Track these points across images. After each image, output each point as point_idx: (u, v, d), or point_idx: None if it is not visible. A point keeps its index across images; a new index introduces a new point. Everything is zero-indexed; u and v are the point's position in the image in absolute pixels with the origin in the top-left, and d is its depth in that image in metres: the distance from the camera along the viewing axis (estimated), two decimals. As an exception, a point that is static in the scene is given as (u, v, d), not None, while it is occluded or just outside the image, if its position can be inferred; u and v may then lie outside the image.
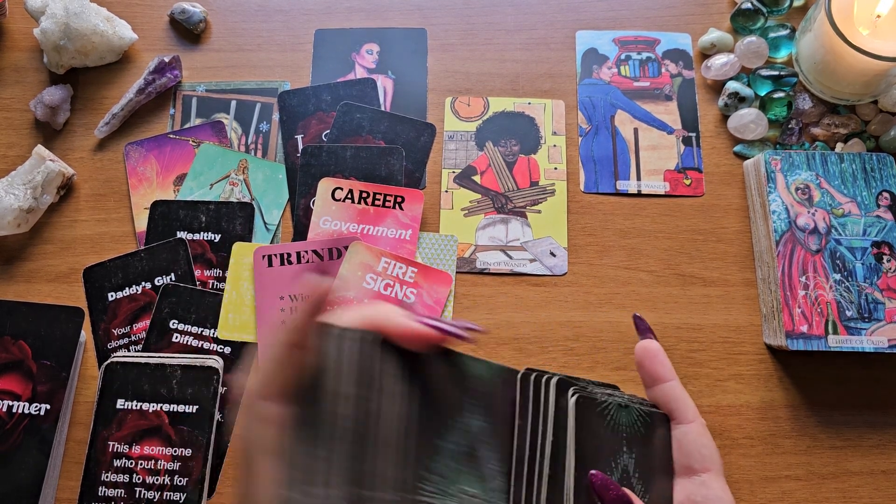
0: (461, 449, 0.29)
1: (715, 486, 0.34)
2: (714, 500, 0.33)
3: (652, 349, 0.36)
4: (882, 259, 0.55)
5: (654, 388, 0.36)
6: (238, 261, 0.59)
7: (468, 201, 0.62)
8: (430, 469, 0.28)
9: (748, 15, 0.65)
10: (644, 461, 0.34)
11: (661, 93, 0.65)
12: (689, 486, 0.34)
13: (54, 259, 0.61)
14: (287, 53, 0.67)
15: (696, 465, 0.34)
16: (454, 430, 0.29)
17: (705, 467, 0.34)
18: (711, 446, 0.35)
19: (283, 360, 0.26)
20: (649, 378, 0.36)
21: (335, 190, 0.60)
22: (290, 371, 0.26)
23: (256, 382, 0.27)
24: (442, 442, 0.29)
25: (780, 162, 0.58)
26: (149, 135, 0.64)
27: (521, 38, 0.67)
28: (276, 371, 0.26)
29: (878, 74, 0.58)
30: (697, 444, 0.35)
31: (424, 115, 0.65)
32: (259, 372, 0.27)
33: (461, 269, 0.60)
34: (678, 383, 0.36)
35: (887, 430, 0.55)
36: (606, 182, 0.62)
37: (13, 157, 0.64)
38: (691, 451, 0.34)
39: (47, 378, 0.54)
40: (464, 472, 0.29)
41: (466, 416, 0.30)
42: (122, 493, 0.52)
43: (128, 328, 0.58)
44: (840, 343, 0.53)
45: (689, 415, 0.35)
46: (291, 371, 0.26)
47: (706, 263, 0.60)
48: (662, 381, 0.36)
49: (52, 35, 0.62)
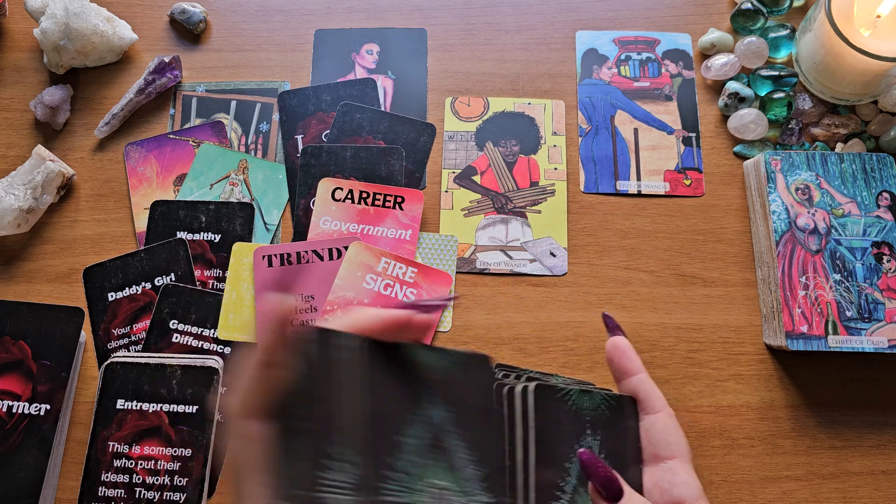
0: (425, 442, 0.29)
1: (681, 472, 0.35)
2: (681, 485, 0.34)
3: (621, 345, 0.38)
4: (882, 259, 0.55)
5: (623, 381, 0.38)
6: (238, 261, 0.59)
7: (468, 201, 0.62)
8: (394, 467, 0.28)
9: (748, 15, 0.65)
10: (611, 444, 0.35)
11: (661, 93, 0.65)
12: (657, 472, 0.35)
13: (54, 259, 0.61)
14: (287, 53, 0.67)
15: (662, 453, 0.35)
16: (415, 424, 0.29)
17: (671, 454, 0.35)
18: (679, 434, 0.36)
19: (257, 379, 0.27)
20: (619, 372, 0.38)
21: (335, 190, 0.60)
22: (265, 388, 0.27)
23: (235, 403, 0.28)
24: (403, 437, 0.29)
25: (780, 162, 0.58)
26: (149, 135, 0.64)
27: (521, 38, 0.67)
28: (252, 390, 0.27)
29: (878, 74, 0.58)
30: (665, 432, 0.36)
31: (424, 115, 0.65)
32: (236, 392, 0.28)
33: (461, 270, 0.60)
34: (647, 376, 0.37)
35: (887, 430, 0.55)
36: (606, 182, 0.62)
37: (13, 158, 0.64)
38: (659, 439, 0.36)
39: (47, 378, 0.54)
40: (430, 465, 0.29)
41: (426, 408, 0.30)
42: (122, 493, 0.52)
43: (128, 328, 0.58)
44: (840, 343, 0.53)
45: (656, 405, 0.37)
46: (267, 388, 0.27)
47: (706, 263, 0.60)
48: (631, 375, 0.37)
49: (52, 35, 0.62)
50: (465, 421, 0.31)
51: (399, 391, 0.29)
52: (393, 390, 0.29)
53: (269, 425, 0.27)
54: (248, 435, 0.27)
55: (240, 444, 0.27)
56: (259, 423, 0.27)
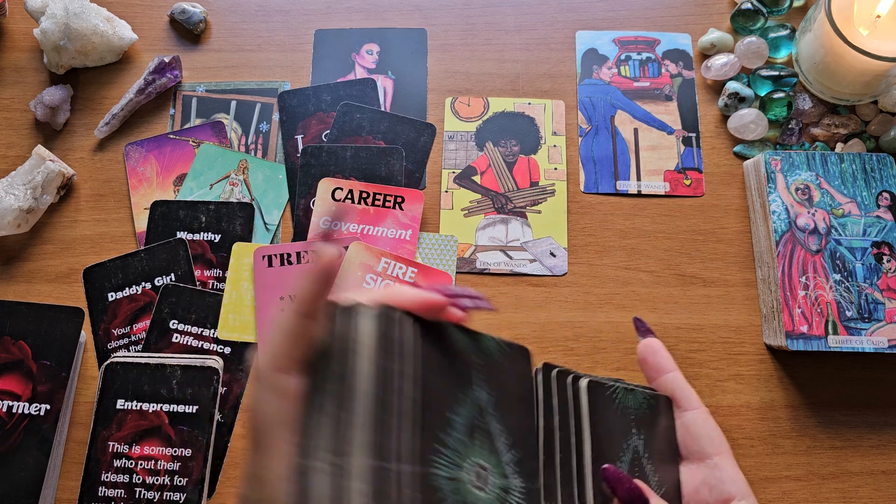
0: (472, 422, 0.29)
1: (728, 469, 0.34)
2: (729, 482, 0.34)
3: (653, 345, 0.38)
4: (882, 259, 0.55)
5: (657, 380, 0.37)
6: (238, 261, 0.59)
7: (468, 201, 0.62)
8: (444, 443, 0.28)
9: (748, 15, 0.65)
10: (652, 443, 0.35)
11: (661, 93, 0.65)
12: (703, 470, 0.35)
13: (54, 259, 0.61)
14: (287, 53, 0.67)
15: (707, 449, 0.35)
16: (464, 403, 0.29)
17: (716, 450, 0.35)
18: (719, 431, 0.36)
19: (294, 331, 0.26)
20: (652, 371, 0.37)
21: (335, 190, 0.60)
22: (302, 342, 0.26)
23: (268, 355, 0.26)
24: (453, 415, 0.29)
25: (780, 162, 0.58)
26: (149, 135, 0.64)
27: (521, 38, 0.67)
28: (287, 343, 0.26)
29: (878, 74, 0.58)
30: (706, 429, 0.35)
31: (424, 115, 0.65)
32: (270, 344, 0.26)
33: (461, 270, 0.60)
34: (680, 374, 0.37)
35: (887, 430, 0.55)
36: (606, 182, 0.62)
37: (13, 158, 0.64)
38: (701, 435, 0.35)
39: (47, 378, 0.54)
40: (476, 445, 0.29)
41: (476, 389, 0.30)
42: (122, 493, 0.52)
43: (128, 328, 0.58)
44: (840, 343, 0.53)
45: (692, 402, 0.36)
46: (304, 342, 0.26)
47: (706, 264, 0.60)
48: (665, 373, 0.37)
49: (52, 35, 0.62)
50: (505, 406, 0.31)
51: (449, 369, 0.29)
52: (442, 367, 0.29)
53: (303, 380, 0.26)
54: (279, 389, 0.26)
55: (269, 398, 0.26)
56: (291, 378, 0.26)
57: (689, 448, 0.35)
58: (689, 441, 0.36)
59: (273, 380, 0.26)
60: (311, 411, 0.26)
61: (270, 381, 0.26)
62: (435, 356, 0.29)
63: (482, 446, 0.29)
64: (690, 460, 0.35)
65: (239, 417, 0.56)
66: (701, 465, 0.35)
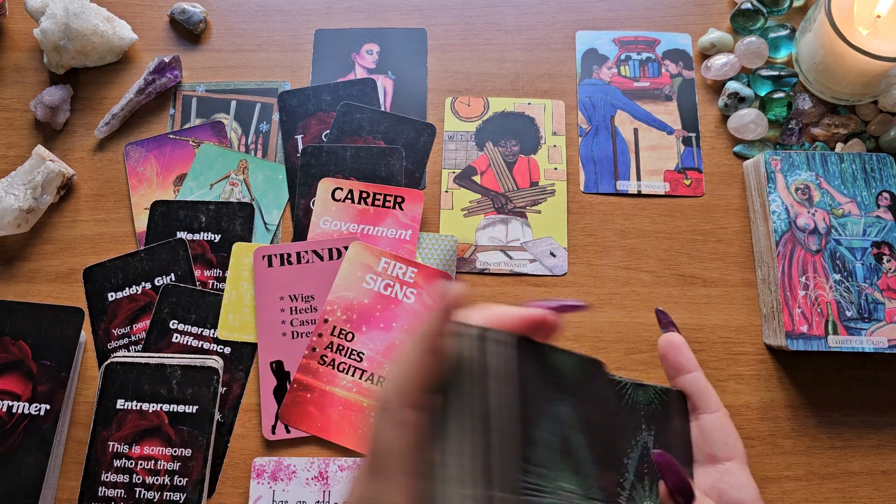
0: (555, 438, 0.29)
1: (739, 475, 0.34)
2: (738, 488, 0.34)
3: (676, 341, 0.37)
4: (882, 259, 0.55)
5: (677, 378, 0.37)
6: (238, 261, 0.59)
7: (468, 201, 0.62)
8: (531, 461, 0.28)
9: (748, 15, 0.65)
10: (663, 439, 0.35)
11: (661, 93, 0.65)
12: (714, 473, 0.34)
13: (54, 259, 0.61)
14: (287, 53, 0.67)
15: (720, 454, 0.35)
16: (546, 419, 0.29)
17: (729, 455, 0.34)
18: (735, 436, 0.35)
19: (418, 365, 0.27)
20: (673, 369, 0.37)
21: (335, 190, 0.60)
22: (425, 375, 0.27)
23: (392, 389, 0.28)
24: (537, 432, 0.29)
25: (780, 162, 0.58)
26: (149, 135, 0.64)
27: (521, 38, 0.67)
28: (412, 377, 0.27)
29: (878, 74, 0.58)
30: (723, 432, 0.35)
31: (424, 115, 0.65)
32: (393, 378, 0.28)
33: (461, 270, 0.60)
34: (702, 374, 0.36)
35: (887, 430, 0.55)
36: (606, 182, 0.62)
37: (13, 158, 0.64)
38: (716, 439, 0.35)
39: (47, 378, 0.54)
40: (559, 464, 0.29)
41: (555, 404, 0.30)
42: (122, 493, 0.52)
43: (128, 328, 0.58)
44: (840, 343, 0.53)
45: (712, 404, 0.36)
46: (427, 375, 0.28)
47: (706, 264, 0.60)
48: (686, 372, 0.36)
49: (52, 35, 0.62)
50: (587, 421, 0.31)
51: (536, 386, 0.29)
52: (532, 385, 0.29)
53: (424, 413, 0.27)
54: (402, 421, 0.27)
55: (392, 429, 0.27)
56: (413, 411, 0.27)
57: (703, 450, 0.35)
58: (702, 443, 0.35)
59: (397, 413, 0.27)
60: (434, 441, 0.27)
61: (393, 414, 0.27)
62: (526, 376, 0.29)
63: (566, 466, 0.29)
64: (704, 462, 0.35)
65: (239, 417, 0.56)
66: (712, 469, 0.35)
